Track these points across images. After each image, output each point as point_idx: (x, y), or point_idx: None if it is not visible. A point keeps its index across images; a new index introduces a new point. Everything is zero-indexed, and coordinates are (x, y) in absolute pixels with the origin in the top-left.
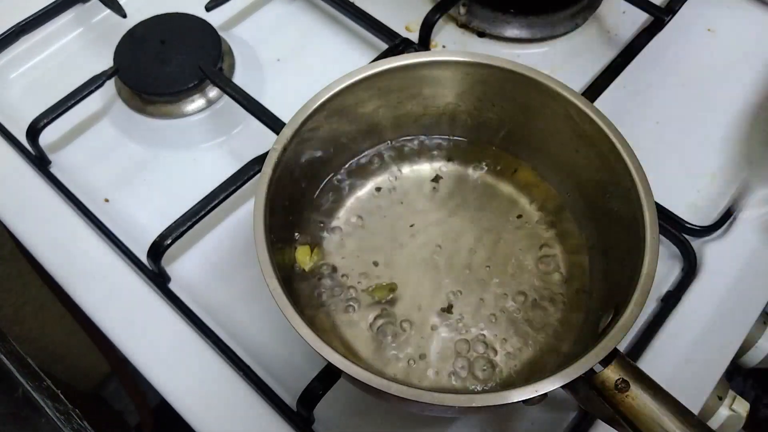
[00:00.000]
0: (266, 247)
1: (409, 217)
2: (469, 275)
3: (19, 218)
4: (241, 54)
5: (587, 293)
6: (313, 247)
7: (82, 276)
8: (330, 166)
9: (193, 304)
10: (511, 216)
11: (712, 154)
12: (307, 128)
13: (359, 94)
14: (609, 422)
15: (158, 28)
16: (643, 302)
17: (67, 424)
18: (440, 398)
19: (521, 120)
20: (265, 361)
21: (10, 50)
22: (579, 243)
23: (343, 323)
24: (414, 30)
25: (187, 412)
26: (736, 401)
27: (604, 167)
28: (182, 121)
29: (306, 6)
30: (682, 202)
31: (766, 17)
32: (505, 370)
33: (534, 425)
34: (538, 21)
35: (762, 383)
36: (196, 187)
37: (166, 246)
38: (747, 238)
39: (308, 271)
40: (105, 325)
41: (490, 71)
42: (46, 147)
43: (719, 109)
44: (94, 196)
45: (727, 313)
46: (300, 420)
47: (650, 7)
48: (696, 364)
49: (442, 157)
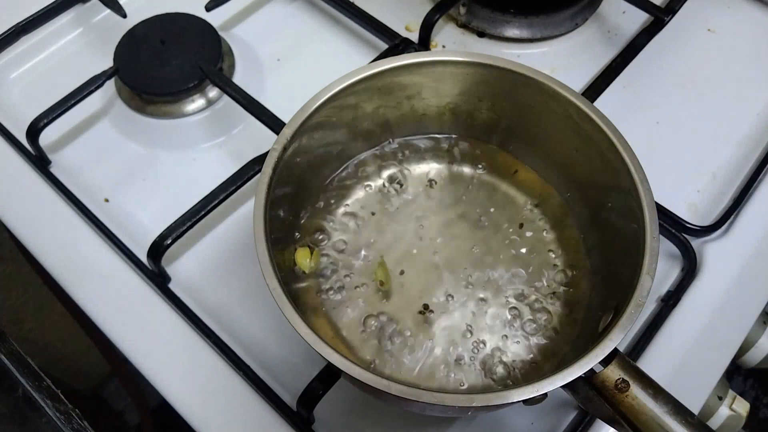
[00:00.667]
0: (266, 247)
1: (409, 217)
2: (469, 275)
3: (19, 218)
4: (241, 54)
5: (587, 293)
6: (312, 249)
7: (82, 276)
8: (330, 166)
9: (193, 304)
10: (511, 216)
11: (712, 154)
12: (307, 128)
13: (359, 94)
14: (609, 422)
15: (158, 28)
16: (643, 302)
17: (67, 424)
18: (440, 398)
19: (521, 120)
20: (265, 361)
21: (10, 50)
22: (579, 243)
23: (343, 323)
24: (414, 30)
25: (187, 412)
26: (736, 401)
27: (604, 167)
28: (182, 121)
29: (306, 6)
30: (682, 202)
31: (766, 17)
32: (505, 369)
33: (534, 425)
34: (538, 21)
35: (762, 383)
36: (196, 187)
37: (166, 246)
38: (747, 238)
39: (308, 273)
40: (105, 325)
41: (490, 71)
42: (46, 147)
43: (719, 109)
44: (94, 196)
45: (727, 313)
46: (300, 420)
47: (650, 7)
48: (696, 364)
49: (442, 158)
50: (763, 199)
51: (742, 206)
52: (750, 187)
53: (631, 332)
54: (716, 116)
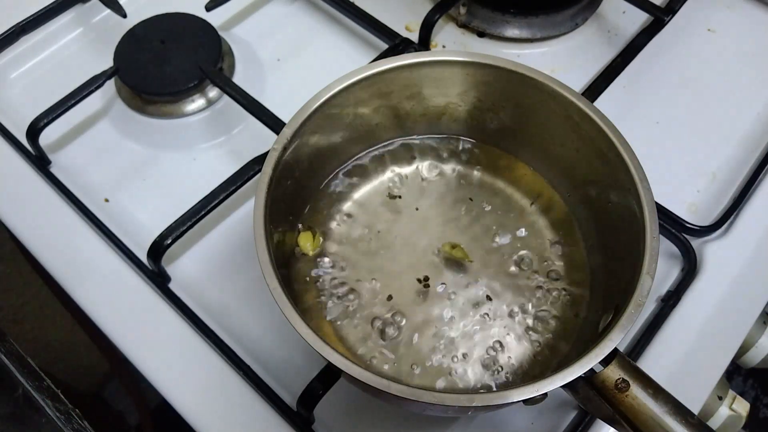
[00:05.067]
0: (266, 247)
1: (409, 216)
2: (469, 274)
3: (19, 218)
4: (241, 54)
5: (587, 293)
6: (314, 233)
7: (82, 276)
8: (330, 166)
9: (193, 304)
10: (511, 215)
11: (712, 154)
12: (307, 128)
13: (359, 94)
14: (609, 422)
15: (158, 28)
16: (643, 302)
17: (67, 424)
18: (440, 398)
19: (521, 120)
20: (265, 361)
21: (10, 50)
22: (579, 242)
23: (343, 323)
24: (414, 30)
25: (187, 412)
26: (736, 401)
27: (604, 167)
28: (182, 121)
29: (306, 6)
30: (682, 202)
31: (766, 17)
32: (505, 370)
33: (534, 425)
34: (538, 21)
35: (762, 383)
36: (196, 187)
37: (166, 246)
38: (747, 238)
39: (310, 255)
40: (105, 326)
41: (490, 71)
42: (46, 147)
43: (719, 109)
44: (94, 196)
45: (727, 313)
46: (300, 420)
47: (650, 7)
48: (696, 364)
49: (442, 158)
50: (763, 199)
51: (742, 206)
52: (750, 187)
53: (631, 332)
54: (716, 116)
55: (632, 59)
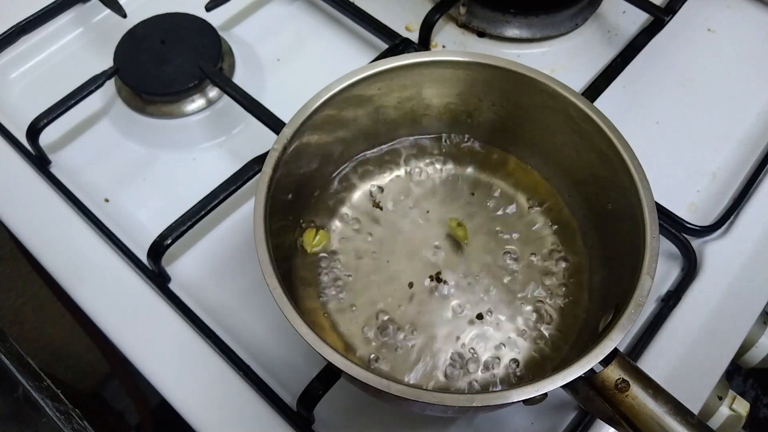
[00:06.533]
0: (266, 247)
1: (410, 217)
2: (469, 275)
3: (19, 218)
4: (241, 54)
5: (587, 293)
6: (318, 230)
7: (82, 276)
8: (330, 166)
9: (193, 304)
10: (511, 215)
11: (712, 154)
12: (308, 128)
13: (359, 94)
14: (609, 422)
15: (158, 28)
16: (643, 302)
17: (67, 424)
18: (440, 398)
19: (521, 120)
20: (265, 361)
21: (10, 50)
22: (579, 242)
23: (343, 322)
24: (414, 30)
25: (187, 412)
26: (736, 401)
27: (604, 167)
28: (182, 121)
29: (306, 6)
30: (682, 202)
31: (766, 17)
32: (504, 370)
33: (534, 425)
34: (538, 21)
35: (762, 383)
36: (196, 187)
37: (166, 246)
38: (747, 238)
39: (316, 251)
40: (105, 325)
41: (490, 71)
42: (46, 147)
43: (719, 109)
44: (94, 196)
45: (727, 313)
46: (300, 420)
47: (650, 7)
48: (696, 364)
49: (441, 157)
50: (763, 199)
51: (742, 206)
52: (750, 187)
53: (631, 332)
54: (716, 116)
55: (632, 59)
